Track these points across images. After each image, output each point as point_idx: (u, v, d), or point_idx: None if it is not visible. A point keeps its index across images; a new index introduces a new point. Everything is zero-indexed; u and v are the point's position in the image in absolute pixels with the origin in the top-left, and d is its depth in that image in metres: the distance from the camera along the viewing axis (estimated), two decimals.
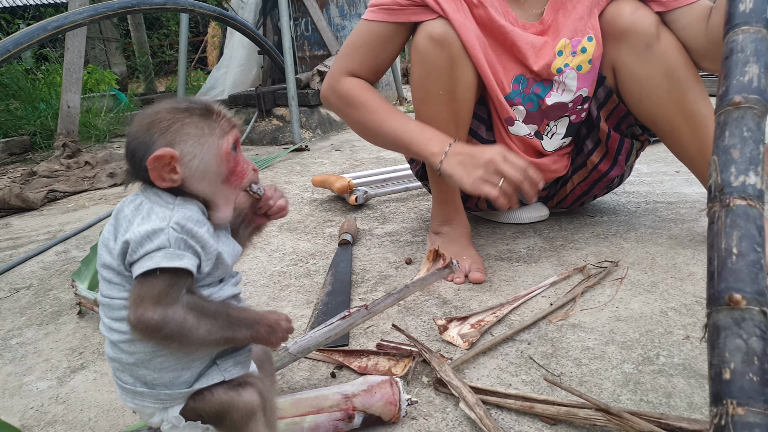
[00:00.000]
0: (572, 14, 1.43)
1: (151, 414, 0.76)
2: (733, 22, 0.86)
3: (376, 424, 0.91)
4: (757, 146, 0.77)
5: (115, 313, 0.71)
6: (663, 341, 1.08)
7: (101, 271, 0.71)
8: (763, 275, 0.68)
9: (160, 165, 0.68)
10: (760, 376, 0.61)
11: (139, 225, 0.67)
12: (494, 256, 1.55)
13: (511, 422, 0.90)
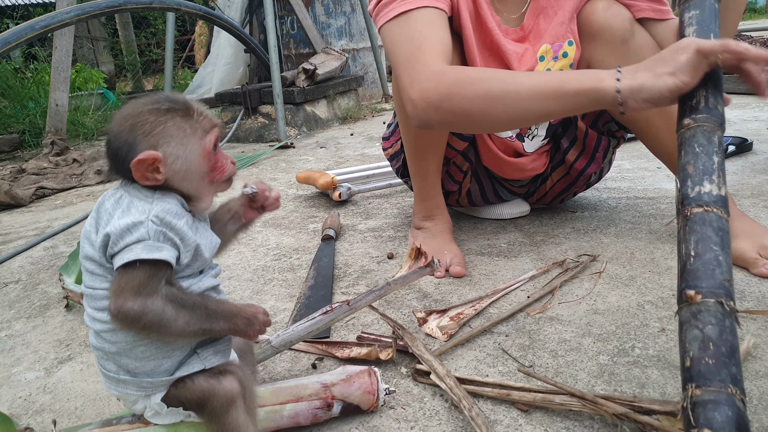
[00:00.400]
0: (553, 19, 1.44)
1: (134, 401, 0.79)
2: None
3: (354, 412, 0.94)
4: (709, 158, 0.85)
5: (97, 303, 0.73)
6: (639, 334, 1.11)
7: (84, 262, 0.73)
8: (722, 269, 0.75)
9: (144, 166, 0.71)
10: (715, 359, 0.68)
11: (119, 218, 0.70)
12: (475, 251, 1.58)
13: (487, 411, 0.93)
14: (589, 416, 0.90)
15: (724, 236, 0.79)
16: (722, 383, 0.66)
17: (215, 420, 0.77)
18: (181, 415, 0.80)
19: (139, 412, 0.81)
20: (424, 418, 0.93)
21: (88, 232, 0.74)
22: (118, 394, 0.79)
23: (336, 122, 4.23)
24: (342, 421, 0.94)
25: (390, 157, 1.77)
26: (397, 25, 1.26)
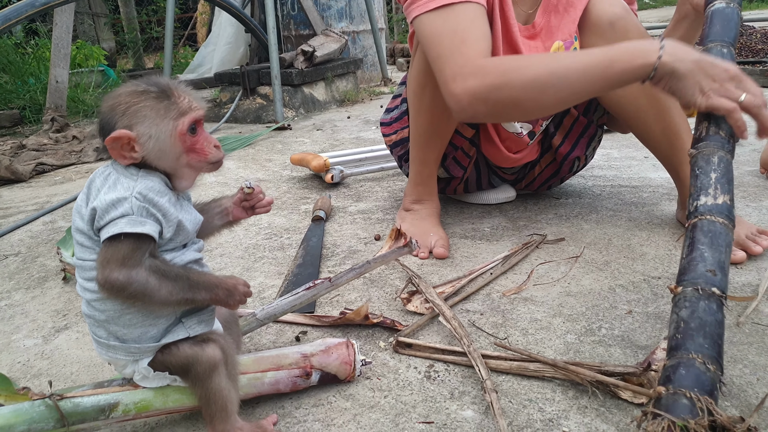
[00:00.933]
0: (565, 17, 1.47)
1: (124, 366, 0.85)
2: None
3: (332, 382, 1.00)
4: (707, 176, 0.99)
5: (87, 273, 0.79)
6: (607, 315, 1.17)
7: (75, 235, 0.79)
8: (706, 263, 0.87)
9: (119, 145, 0.76)
10: (683, 334, 0.80)
11: (105, 193, 0.76)
12: (459, 234, 1.64)
13: (465, 377, 0.99)
14: (560, 382, 0.96)
15: (713, 236, 0.91)
16: (686, 351, 0.77)
17: (199, 384, 0.83)
18: (167, 380, 0.86)
19: (128, 376, 0.87)
20: (397, 388, 0.99)
21: (79, 207, 0.79)
22: (109, 359, 0.85)
23: (334, 105, 4.27)
24: (320, 389, 0.99)
25: (393, 144, 1.81)
26: (439, 18, 1.25)
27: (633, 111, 1.50)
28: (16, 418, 0.82)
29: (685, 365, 0.76)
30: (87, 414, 0.85)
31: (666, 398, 0.73)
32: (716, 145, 1.02)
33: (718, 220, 0.94)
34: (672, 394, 0.73)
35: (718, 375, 0.76)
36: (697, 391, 0.72)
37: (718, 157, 1.01)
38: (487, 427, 0.88)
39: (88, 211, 0.77)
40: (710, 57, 1.06)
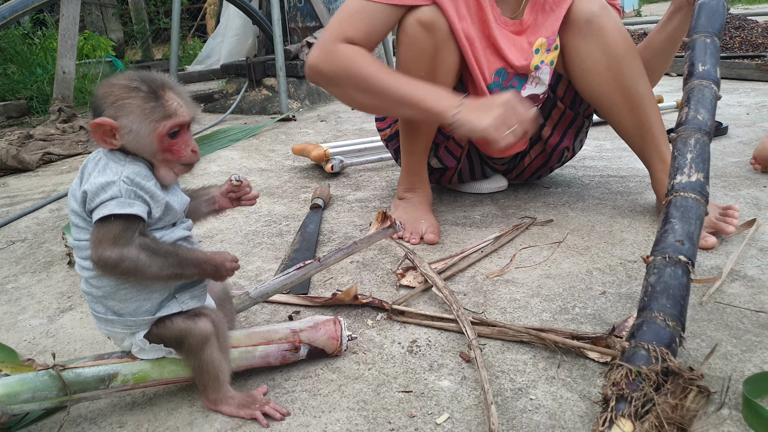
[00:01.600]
0: (551, 15, 1.54)
1: (122, 339, 0.91)
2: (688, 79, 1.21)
3: (320, 356, 1.06)
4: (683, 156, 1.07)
5: (83, 253, 0.86)
6: (581, 296, 1.23)
7: (71, 216, 0.86)
8: (675, 234, 0.96)
9: (101, 130, 0.83)
10: (649, 296, 0.90)
11: (95, 177, 0.83)
12: (451, 221, 1.70)
13: (454, 343, 1.05)
14: (532, 355, 1.02)
15: (684, 210, 1.00)
16: (650, 311, 0.87)
17: (192, 356, 0.90)
18: (162, 352, 0.93)
19: (126, 349, 0.94)
20: (381, 362, 1.05)
21: (73, 190, 0.86)
22: (108, 333, 0.92)
23: None
24: (309, 362, 1.06)
25: (388, 138, 1.87)
26: (347, 1, 1.45)
27: (608, 106, 1.56)
28: (22, 387, 0.89)
29: (648, 323, 0.85)
30: (88, 384, 0.92)
31: (628, 351, 0.82)
32: (694, 128, 1.10)
33: (690, 195, 1.01)
34: (633, 347, 0.82)
35: (678, 330, 0.84)
36: (655, 343, 0.81)
37: (695, 139, 1.09)
38: (460, 395, 0.95)
39: (80, 193, 0.83)
40: (485, 99, 1.34)
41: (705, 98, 1.14)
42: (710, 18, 1.26)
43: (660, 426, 0.71)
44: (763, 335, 1.05)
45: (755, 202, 1.67)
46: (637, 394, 0.74)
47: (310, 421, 0.91)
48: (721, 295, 1.19)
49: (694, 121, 1.11)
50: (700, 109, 1.13)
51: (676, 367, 0.76)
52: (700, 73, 1.18)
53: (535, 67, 1.56)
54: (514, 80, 1.58)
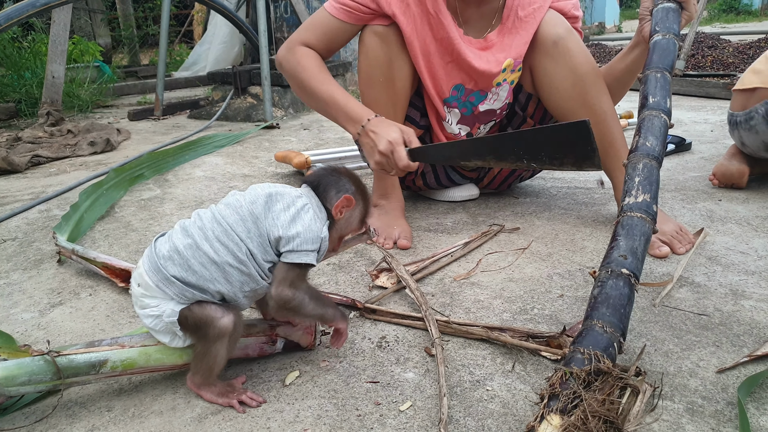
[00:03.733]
0: (516, 38, 1.66)
1: (152, 297, 0.98)
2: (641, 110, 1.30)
3: (295, 349, 1.15)
4: (632, 180, 1.16)
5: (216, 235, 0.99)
6: (541, 298, 1.33)
7: (228, 210, 1.00)
8: (620, 250, 1.05)
9: (347, 205, 1.07)
10: (592, 307, 0.98)
11: (307, 223, 1.01)
12: (423, 228, 1.79)
13: (420, 339, 1.14)
14: (491, 351, 1.11)
15: (629, 228, 1.09)
16: (590, 319, 0.95)
17: (204, 343, 0.99)
18: (168, 334, 1.01)
19: (142, 307, 1.00)
20: (351, 355, 1.14)
21: (253, 201, 1.01)
22: (154, 287, 0.97)
23: None
24: (284, 355, 1.14)
25: None
26: (319, 11, 1.65)
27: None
28: (19, 371, 0.96)
29: (587, 330, 0.93)
30: (80, 369, 0.99)
31: (567, 356, 0.90)
32: (642, 154, 1.20)
33: (636, 214, 1.10)
34: (572, 352, 0.90)
35: (616, 336, 0.93)
36: (592, 347, 0.89)
37: (643, 163, 1.18)
38: (423, 386, 1.04)
39: (281, 230, 0.99)
40: (377, 135, 1.44)
41: (654, 127, 1.24)
42: (662, 55, 1.37)
43: (585, 419, 0.79)
44: (702, 336, 1.15)
45: (709, 215, 1.78)
46: (566, 392, 0.83)
47: (284, 407, 1.00)
48: (669, 299, 1.29)
49: (643, 147, 1.21)
50: (649, 136, 1.22)
51: (606, 367, 0.85)
52: (651, 104, 1.28)
53: (497, 83, 1.67)
54: (471, 95, 1.70)
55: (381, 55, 1.62)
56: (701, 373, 1.03)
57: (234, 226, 0.98)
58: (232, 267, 0.97)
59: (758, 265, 1.43)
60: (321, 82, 1.58)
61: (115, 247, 1.75)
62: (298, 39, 1.64)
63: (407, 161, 1.40)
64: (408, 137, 1.42)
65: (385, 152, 1.42)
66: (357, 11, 1.58)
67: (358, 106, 1.53)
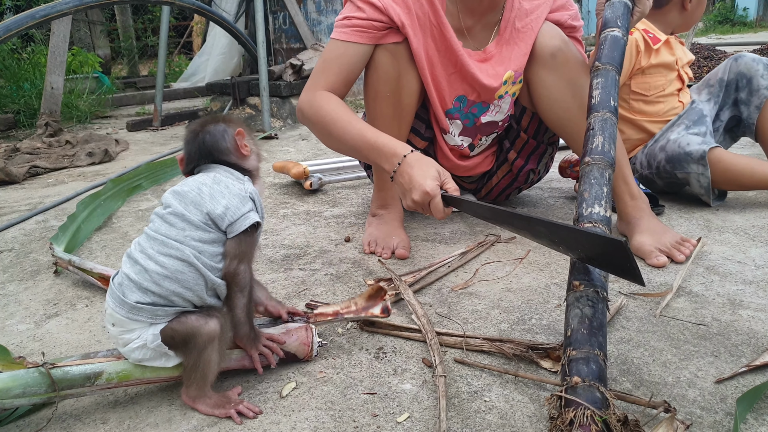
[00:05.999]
0: (515, 49, 1.66)
1: (131, 331, 0.98)
2: (590, 112, 1.30)
3: (292, 360, 1.14)
4: (600, 188, 1.14)
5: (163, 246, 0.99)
6: (538, 308, 1.32)
7: (169, 217, 1.00)
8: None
9: (242, 139, 1.08)
10: (587, 330, 0.94)
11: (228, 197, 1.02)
12: (421, 238, 1.79)
13: (418, 350, 1.14)
14: (489, 362, 1.11)
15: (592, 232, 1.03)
16: (591, 347, 0.91)
17: (194, 353, 0.98)
18: (160, 358, 1.00)
19: (126, 345, 1.00)
20: (348, 366, 1.13)
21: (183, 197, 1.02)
22: (125, 322, 0.97)
23: None
24: (281, 366, 1.13)
25: None
26: (328, 46, 1.60)
27: (574, 132, 1.67)
28: (13, 383, 0.96)
29: (594, 361, 0.89)
30: (75, 381, 0.99)
31: (581, 388, 0.84)
32: (608, 162, 1.18)
33: (606, 230, 1.08)
34: (587, 386, 0.85)
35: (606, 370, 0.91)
36: (598, 381, 0.85)
37: (609, 173, 1.16)
38: (420, 397, 1.03)
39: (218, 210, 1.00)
40: (412, 177, 1.32)
41: (614, 134, 1.24)
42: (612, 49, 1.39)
43: None
44: (701, 346, 1.14)
45: (706, 224, 1.78)
46: None
47: (280, 419, 0.99)
48: (667, 309, 1.29)
49: (608, 154, 1.18)
50: (611, 143, 1.21)
51: (623, 416, 0.81)
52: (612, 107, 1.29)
53: (499, 96, 1.67)
54: (474, 107, 1.70)
55: (390, 70, 1.60)
56: (700, 384, 1.03)
57: (167, 233, 0.99)
58: (184, 273, 0.97)
59: (756, 275, 1.43)
60: (347, 123, 1.48)
61: (112, 258, 1.74)
62: (313, 86, 1.57)
63: (444, 213, 1.30)
64: (445, 181, 1.32)
65: (420, 203, 1.32)
66: (371, 29, 1.54)
67: (390, 142, 1.41)
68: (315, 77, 1.59)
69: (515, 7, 1.65)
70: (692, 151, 1.84)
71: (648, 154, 1.99)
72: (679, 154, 1.87)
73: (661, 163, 1.93)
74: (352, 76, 1.60)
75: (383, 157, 1.40)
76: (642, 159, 2.02)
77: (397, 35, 1.57)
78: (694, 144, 1.85)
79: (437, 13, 1.58)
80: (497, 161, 1.90)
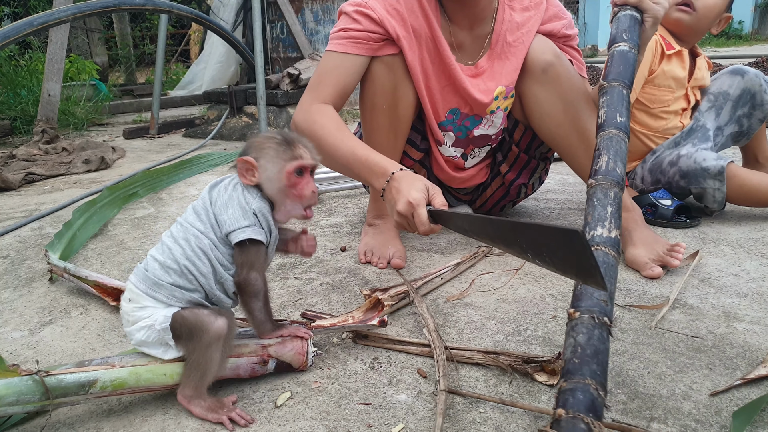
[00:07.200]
0: (506, 63, 1.66)
1: (143, 308, 1.02)
2: (597, 132, 1.28)
3: (287, 370, 1.14)
4: (604, 208, 1.11)
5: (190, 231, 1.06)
6: (534, 319, 1.32)
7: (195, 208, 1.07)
8: (600, 293, 0.97)
9: (244, 167, 1.05)
10: (580, 359, 0.90)
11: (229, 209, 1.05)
12: (417, 248, 1.79)
13: (413, 360, 1.14)
14: (484, 374, 1.11)
15: (607, 268, 1.01)
16: (582, 376, 0.87)
17: (198, 350, 1.00)
18: (161, 346, 1.03)
19: (133, 322, 1.03)
20: (343, 376, 1.13)
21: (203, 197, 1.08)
22: (143, 295, 1.02)
23: None
24: (276, 376, 1.13)
25: None
26: (324, 58, 1.60)
27: (565, 146, 1.67)
28: (7, 391, 0.95)
29: (582, 390, 0.85)
30: (69, 389, 0.98)
31: (565, 421, 0.81)
32: (613, 181, 1.15)
33: (611, 253, 1.04)
34: (571, 418, 0.81)
35: (604, 400, 0.86)
36: (591, 416, 0.81)
37: (614, 192, 1.13)
38: (415, 407, 1.03)
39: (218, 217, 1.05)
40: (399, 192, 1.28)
41: (621, 151, 1.21)
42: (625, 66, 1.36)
43: None
44: (696, 358, 1.15)
45: (702, 236, 1.78)
46: None
47: (275, 429, 0.99)
48: (662, 321, 1.29)
49: (612, 173, 1.16)
50: (617, 161, 1.18)
51: None
52: (619, 123, 1.26)
53: (491, 111, 1.68)
54: (467, 120, 1.71)
55: (387, 83, 1.60)
56: (695, 396, 1.03)
57: (193, 223, 1.05)
58: (200, 259, 1.03)
59: (750, 288, 1.43)
60: (339, 140, 1.45)
61: (107, 266, 1.74)
62: (309, 99, 1.56)
63: (428, 225, 1.23)
64: (433, 196, 1.27)
65: (404, 213, 1.26)
66: (367, 41, 1.55)
67: (382, 160, 1.38)
68: (311, 90, 1.58)
69: (506, 19, 1.65)
70: (709, 166, 1.85)
71: (651, 170, 2.00)
72: (695, 170, 1.88)
73: (674, 178, 1.93)
74: (349, 88, 1.59)
75: (374, 175, 1.38)
76: (644, 174, 2.02)
77: (392, 47, 1.57)
78: (710, 159, 1.86)
79: (432, 26, 1.59)
80: (491, 174, 1.91)
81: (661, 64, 1.94)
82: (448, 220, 1.24)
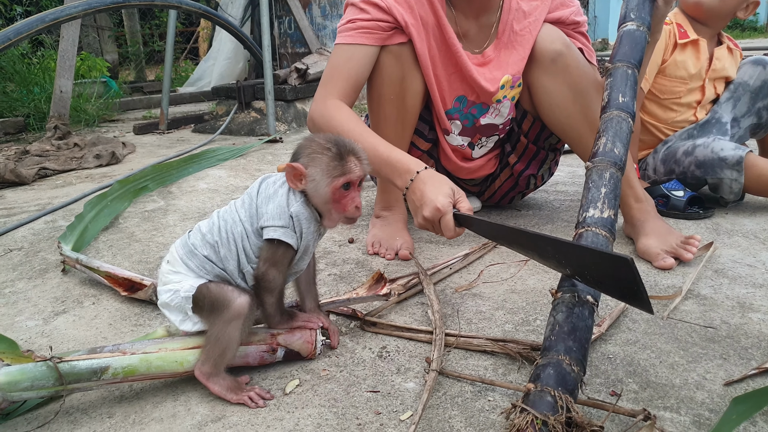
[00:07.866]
0: (513, 54, 1.66)
1: (176, 273, 1.07)
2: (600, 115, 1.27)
3: (296, 358, 1.14)
4: (597, 189, 1.12)
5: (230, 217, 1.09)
6: (543, 309, 1.32)
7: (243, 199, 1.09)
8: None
9: (292, 173, 1.04)
10: (556, 336, 0.92)
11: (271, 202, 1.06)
12: (425, 239, 1.79)
13: (421, 349, 1.14)
14: (493, 362, 1.11)
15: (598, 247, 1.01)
16: (556, 352, 0.89)
17: (218, 324, 1.03)
18: (181, 313, 1.07)
19: (164, 283, 1.07)
20: (352, 364, 1.14)
21: (251, 191, 1.10)
22: (179, 260, 1.07)
23: None
24: (285, 364, 1.14)
25: None
26: (334, 51, 1.60)
27: (576, 136, 1.67)
28: (22, 376, 0.97)
29: (554, 365, 0.86)
30: (82, 375, 1.00)
31: (533, 395, 0.82)
32: (610, 162, 1.15)
33: (602, 232, 1.05)
34: (539, 391, 0.82)
35: (580, 376, 0.87)
36: (561, 389, 0.81)
37: (609, 173, 1.13)
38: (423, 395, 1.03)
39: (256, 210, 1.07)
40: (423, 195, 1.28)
41: (622, 132, 1.20)
42: (633, 47, 1.35)
43: None
44: (709, 348, 1.14)
45: (716, 228, 1.78)
46: None
47: (284, 416, 0.99)
48: (674, 311, 1.29)
49: (609, 154, 1.15)
50: (616, 141, 1.17)
51: (580, 419, 0.78)
52: (621, 104, 1.24)
53: (497, 100, 1.67)
54: (473, 108, 1.70)
55: (394, 73, 1.60)
56: (708, 386, 1.03)
57: (238, 208, 1.08)
58: (230, 244, 1.05)
59: (766, 278, 1.42)
60: (360, 135, 1.42)
61: (118, 257, 1.75)
62: (324, 95, 1.55)
63: (455, 231, 1.24)
64: (459, 199, 1.26)
65: (430, 219, 1.26)
66: (377, 29, 1.55)
67: (404, 157, 1.38)
68: (324, 85, 1.57)
69: (512, 8, 1.64)
70: (727, 156, 1.83)
71: (664, 161, 1.98)
72: (712, 159, 1.86)
73: (690, 168, 1.91)
74: (361, 79, 1.59)
75: (396, 173, 1.37)
76: (656, 165, 2.00)
77: (401, 36, 1.57)
78: (728, 149, 1.84)
79: (438, 13, 1.59)
80: (500, 164, 1.90)
81: (673, 54, 1.91)
82: (473, 225, 1.25)
